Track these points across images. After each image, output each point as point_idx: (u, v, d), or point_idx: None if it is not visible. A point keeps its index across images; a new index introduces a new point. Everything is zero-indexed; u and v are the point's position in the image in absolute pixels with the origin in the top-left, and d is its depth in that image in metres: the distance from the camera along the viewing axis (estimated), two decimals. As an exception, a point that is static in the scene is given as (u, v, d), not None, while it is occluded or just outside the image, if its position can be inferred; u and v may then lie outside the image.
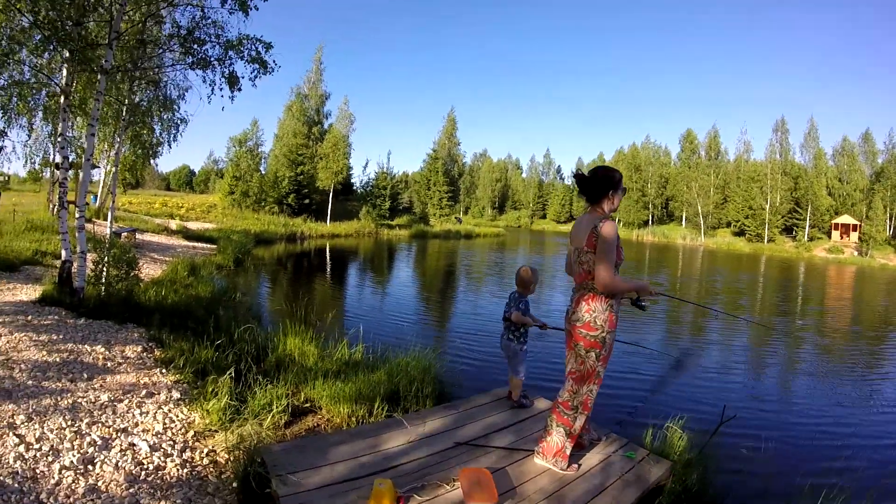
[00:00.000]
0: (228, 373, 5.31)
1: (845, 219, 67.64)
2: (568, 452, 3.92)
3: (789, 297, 21.85)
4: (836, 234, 67.98)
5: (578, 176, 3.79)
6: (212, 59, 8.66)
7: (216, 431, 4.59)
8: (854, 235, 66.33)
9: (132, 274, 8.95)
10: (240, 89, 9.01)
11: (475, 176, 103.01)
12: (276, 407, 5.07)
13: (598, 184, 3.72)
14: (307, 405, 5.59)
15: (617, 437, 4.84)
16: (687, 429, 5.21)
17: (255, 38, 8.54)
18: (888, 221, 65.75)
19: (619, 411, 6.76)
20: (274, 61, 8.82)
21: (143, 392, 5.16)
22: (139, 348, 6.63)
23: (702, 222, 76.88)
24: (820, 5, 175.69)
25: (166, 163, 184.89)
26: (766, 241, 69.58)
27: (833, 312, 18.15)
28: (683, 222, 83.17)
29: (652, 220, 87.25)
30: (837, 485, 4.43)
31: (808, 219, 69.90)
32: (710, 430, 5.05)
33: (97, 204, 25.35)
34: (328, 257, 26.06)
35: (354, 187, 57.78)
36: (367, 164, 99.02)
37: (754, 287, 24.70)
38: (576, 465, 4.03)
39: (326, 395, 5.59)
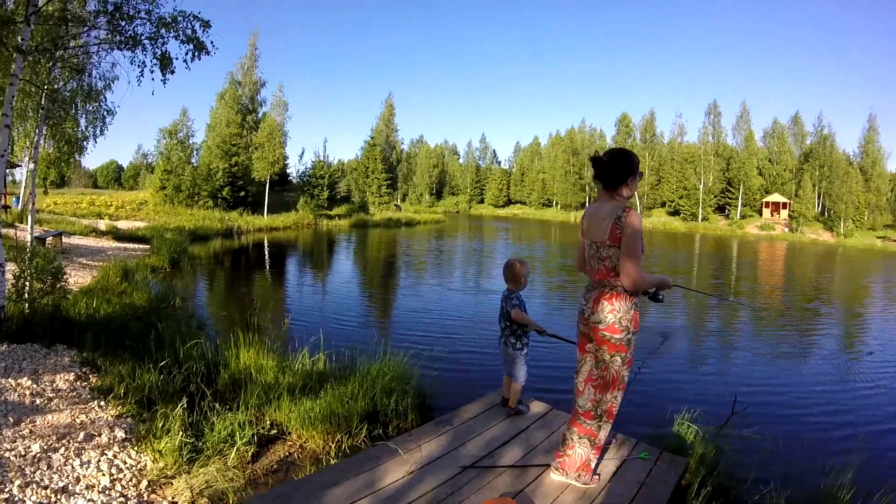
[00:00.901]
0: (181, 404, 4.63)
1: (775, 197, 71.73)
2: (593, 465, 3.65)
3: (745, 275, 22.69)
4: (766, 212, 72.25)
5: (596, 159, 3.39)
6: (142, 37, 7.66)
7: (174, 477, 3.91)
8: (784, 213, 70.57)
9: (58, 286, 7.92)
10: (172, 72, 8.00)
11: (412, 162, 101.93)
12: (240, 438, 4.44)
13: (618, 167, 3.33)
14: (274, 431, 4.97)
15: (624, 437, 4.55)
16: (692, 421, 5.03)
17: (192, 16, 7.63)
18: (816, 199, 70.44)
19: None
20: (212, 42, 7.91)
21: (82, 435, 4.38)
22: (72, 376, 5.76)
23: (638, 203, 79.51)
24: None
25: (93, 159, 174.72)
26: (700, 219, 72.94)
27: (795, 289, 18.82)
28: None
29: (589, 202, 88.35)
30: (854, 463, 4.37)
31: (740, 198, 73.64)
32: (720, 423, 4.95)
33: (19, 207, 23.45)
34: (268, 252, 24.52)
35: (291, 177, 56.26)
36: (303, 152, 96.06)
37: (704, 264, 25.43)
38: (597, 476, 3.75)
39: (295, 417, 4.98)
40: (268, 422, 5.02)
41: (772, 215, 71.67)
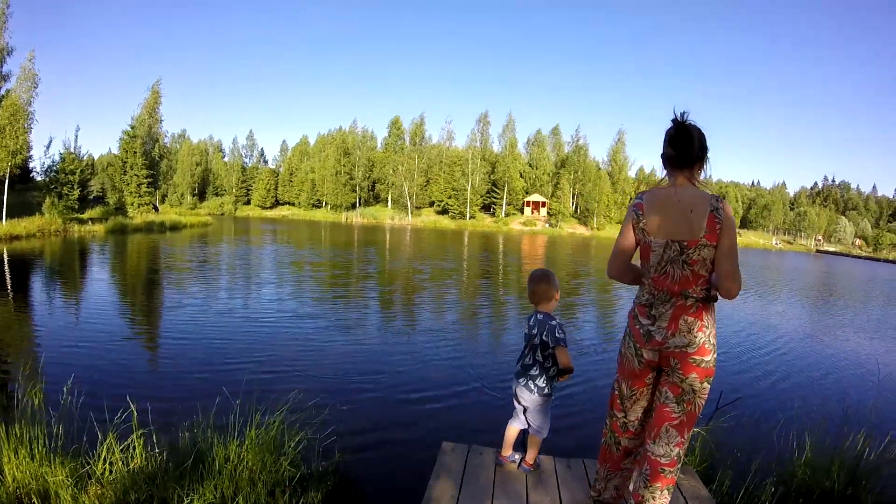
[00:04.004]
0: None
1: (536, 197, 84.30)
2: None
3: (513, 264, 23.54)
4: (528, 210, 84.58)
5: (682, 125, 2.55)
6: None
7: None
8: (543, 211, 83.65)
9: None
10: None
11: (172, 159, 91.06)
12: None
13: (701, 140, 2.57)
14: None
15: None
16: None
17: None
18: (572, 199, 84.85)
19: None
20: None
21: None
22: None
23: (408, 203, 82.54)
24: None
25: None
26: (468, 217, 79.50)
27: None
28: (390, 203, 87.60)
29: (360, 202, 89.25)
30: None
31: (504, 198, 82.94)
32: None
33: None
34: (9, 271, 16.13)
35: (34, 173, 44.99)
36: (50, 142, 76.71)
37: (474, 255, 25.86)
38: None
39: None
40: None
41: (532, 213, 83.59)
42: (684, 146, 2.56)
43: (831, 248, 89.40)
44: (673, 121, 2.59)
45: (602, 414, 5.55)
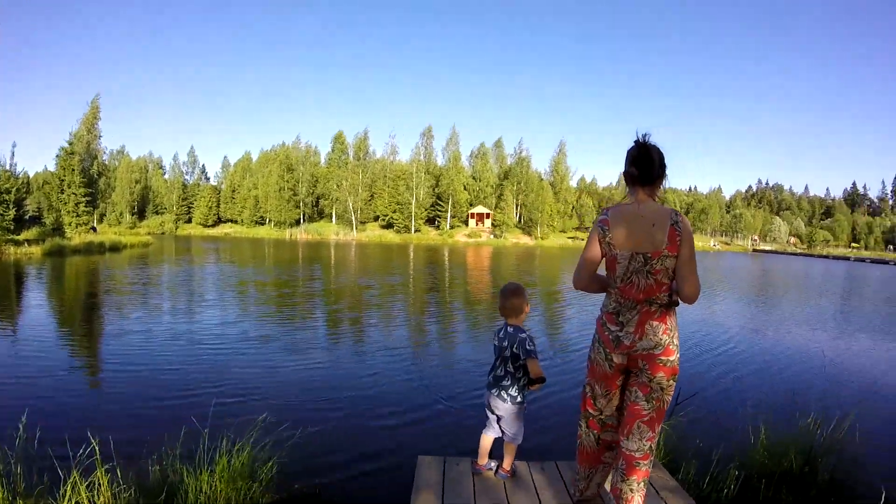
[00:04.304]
0: None
1: (480, 209, 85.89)
2: None
3: (465, 274, 23.76)
4: (472, 222, 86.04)
5: (642, 144, 2.78)
6: None
7: None
8: (488, 222, 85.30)
9: None
10: None
11: (111, 177, 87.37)
12: None
13: (661, 160, 2.81)
14: None
15: None
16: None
17: None
18: (516, 210, 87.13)
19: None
20: None
21: None
22: None
23: (353, 218, 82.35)
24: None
25: None
26: (413, 231, 79.84)
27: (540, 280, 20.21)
28: (334, 219, 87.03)
29: (304, 218, 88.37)
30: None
31: (449, 210, 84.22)
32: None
33: None
34: None
35: None
36: None
37: (421, 269, 25.93)
38: None
39: None
40: None
41: (477, 225, 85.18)
42: (646, 165, 2.77)
43: (767, 247, 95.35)
44: (635, 142, 2.80)
45: (564, 415, 5.78)
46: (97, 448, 3.45)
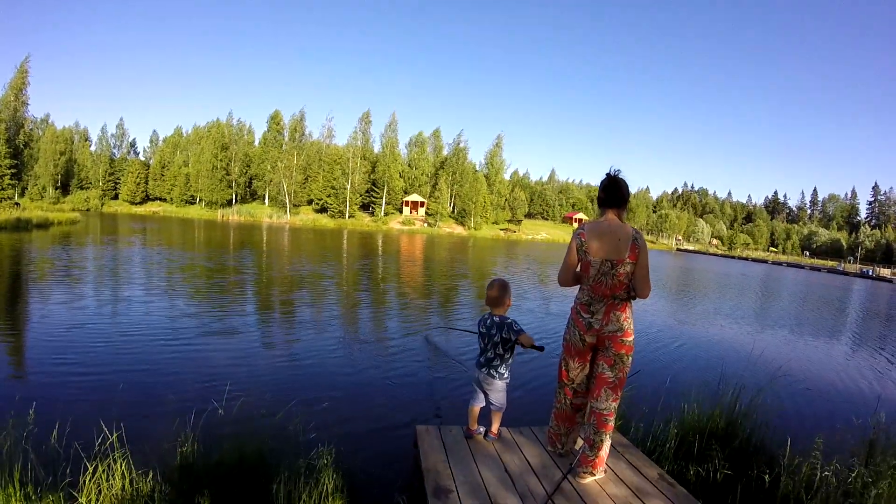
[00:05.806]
0: None
1: (415, 197, 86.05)
2: None
3: (401, 261, 24.38)
4: (406, 210, 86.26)
5: (614, 179, 3.80)
6: None
7: None
8: (422, 211, 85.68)
9: None
10: None
11: (34, 148, 79.54)
12: None
13: (625, 189, 3.82)
14: None
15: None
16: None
17: None
18: (450, 199, 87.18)
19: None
20: None
21: None
22: None
23: (287, 200, 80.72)
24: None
25: None
26: (347, 216, 79.45)
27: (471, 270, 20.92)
28: (267, 201, 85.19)
29: (236, 199, 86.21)
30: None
31: (384, 197, 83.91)
32: None
33: None
34: None
35: None
36: None
37: (355, 255, 26.26)
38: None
39: None
40: None
41: (411, 213, 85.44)
42: (614, 192, 3.78)
43: (690, 247, 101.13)
44: (607, 174, 3.82)
45: (527, 391, 6.56)
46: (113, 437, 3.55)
